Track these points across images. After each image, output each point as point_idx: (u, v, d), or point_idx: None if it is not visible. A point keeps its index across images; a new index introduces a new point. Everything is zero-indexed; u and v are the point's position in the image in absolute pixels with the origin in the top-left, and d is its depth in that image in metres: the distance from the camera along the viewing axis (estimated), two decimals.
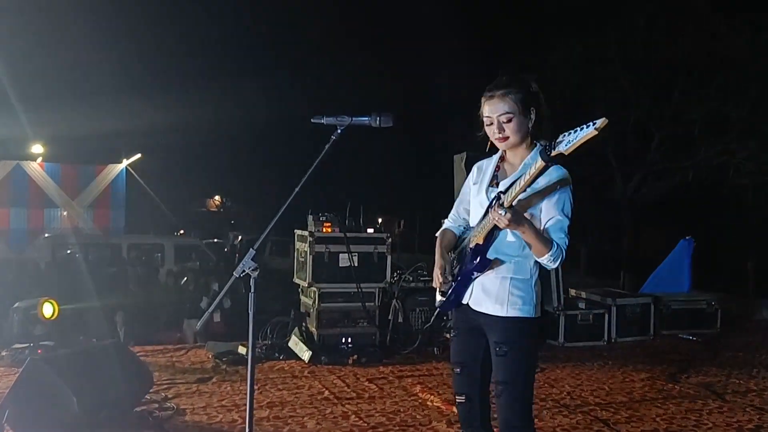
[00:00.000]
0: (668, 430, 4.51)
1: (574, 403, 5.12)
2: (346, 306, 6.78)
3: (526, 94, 2.73)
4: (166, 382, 5.56)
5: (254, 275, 2.73)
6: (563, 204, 2.66)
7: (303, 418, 4.71)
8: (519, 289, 2.69)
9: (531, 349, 2.74)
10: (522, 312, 2.68)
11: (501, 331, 2.69)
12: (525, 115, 2.71)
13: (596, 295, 7.94)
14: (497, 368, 2.70)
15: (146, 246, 18.10)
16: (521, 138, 2.74)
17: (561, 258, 2.62)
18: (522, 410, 2.70)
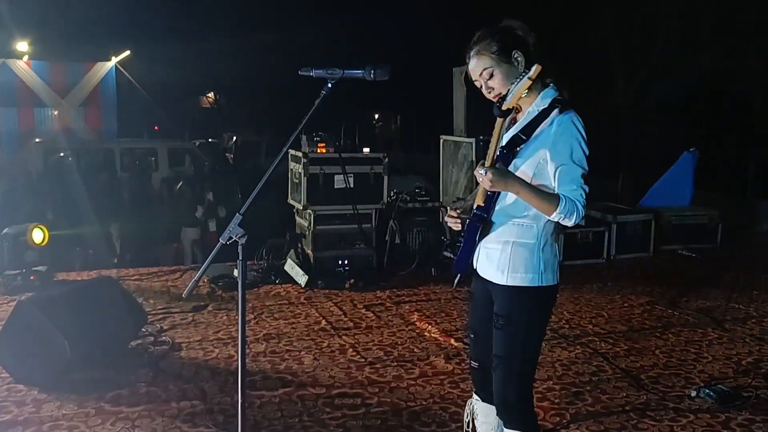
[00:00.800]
0: (668, 364, 4.47)
1: (573, 333, 5.08)
2: (342, 228, 6.66)
3: (502, 41, 2.48)
4: (162, 312, 5.50)
5: (242, 242, 2.55)
6: (570, 150, 2.38)
7: (300, 353, 4.67)
8: (521, 255, 2.48)
9: (532, 322, 2.53)
10: (523, 281, 2.48)
11: (501, 301, 2.54)
12: (508, 63, 2.48)
13: (596, 211, 7.81)
14: (495, 341, 2.55)
15: (139, 150, 17.85)
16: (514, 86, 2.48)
17: (576, 212, 2.36)
18: (518, 387, 2.55)
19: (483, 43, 2.50)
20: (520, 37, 2.53)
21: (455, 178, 7.44)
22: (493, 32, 2.52)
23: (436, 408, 3.82)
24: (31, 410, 3.77)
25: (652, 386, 4.11)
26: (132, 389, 4.04)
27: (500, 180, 2.35)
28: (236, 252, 2.55)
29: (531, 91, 2.50)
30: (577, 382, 4.16)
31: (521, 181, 2.39)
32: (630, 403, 3.88)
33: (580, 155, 2.39)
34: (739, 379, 4.23)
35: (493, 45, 2.48)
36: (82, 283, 5.04)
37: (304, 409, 3.82)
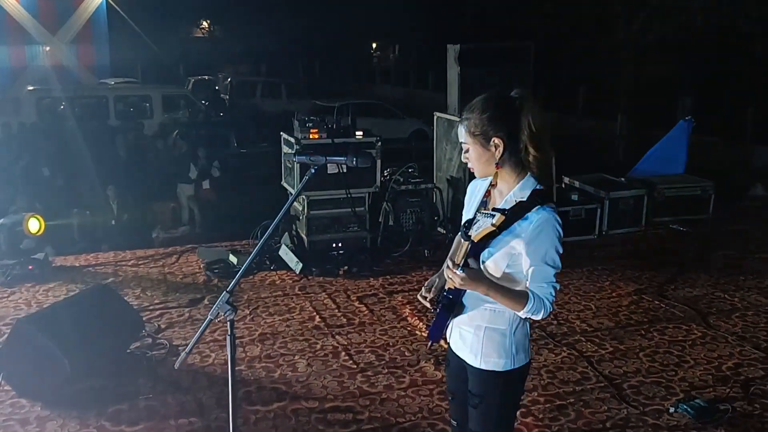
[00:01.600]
0: (650, 369, 4.61)
1: (560, 330, 5.21)
2: (335, 212, 6.71)
3: (487, 123, 2.41)
4: (159, 307, 5.62)
5: (231, 317, 2.63)
6: (545, 251, 2.38)
7: (294, 356, 4.81)
8: (494, 341, 2.52)
9: (504, 402, 2.60)
10: (497, 366, 2.52)
11: (474, 381, 2.60)
12: (484, 146, 2.44)
13: (590, 186, 7.85)
14: (470, 417, 2.65)
15: (133, 97, 17.69)
16: (485, 166, 2.48)
17: (544, 309, 2.40)
18: None
19: (469, 116, 2.47)
20: (514, 121, 2.43)
21: (449, 156, 7.44)
22: (484, 107, 2.45)
23: (425, 425, 3.97)
24: (35, 430, 3.93)
25: (633, 398, 4.25)
26: (131, 404, 4.18)
27: (471, 282, 2.37)
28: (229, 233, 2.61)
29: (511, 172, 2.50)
30: (561, 393, 4.30)
31: (490, 283, 2.41)
32: (611, 418, 4.03)
33: (553, 256, 2.40)
34: (717, 388, 4.38)
35: (477, 124, 2.44)
36: (78, 295, 5.12)
37: (298, 426, 3.97)
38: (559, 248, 2.41)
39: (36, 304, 5.66)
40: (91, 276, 6.35)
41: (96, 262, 6.75)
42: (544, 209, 2.39)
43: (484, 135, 2.44)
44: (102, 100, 17.10)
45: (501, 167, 2.48)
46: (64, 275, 6.33)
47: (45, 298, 5.78)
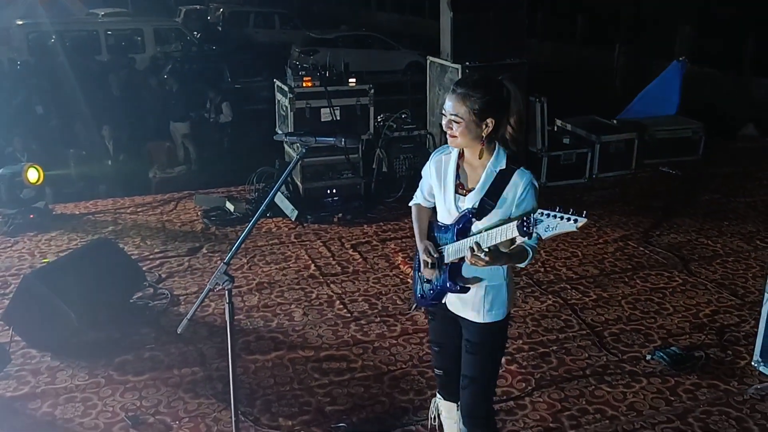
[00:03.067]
0: (631, 317, 4.83)
1: (546, 278, 5.40)
2: (329, 159, 6.81)
3: (486, 104, 2.58)
4: (159, 257, 5.79)
5: (228, 287, 2.80)
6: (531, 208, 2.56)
7: (290, 306, 5.01)
8: (493, 295, 2.76)
9: (500, 346, 2.91)
10: (497, 316, 2.78)
11: (475, 333, 2.82)
12: (477, 124, 2.60)
13: (582, 129, 7.93)
14: (466, 363, 2.87)
15: (125, 32, 17.46)
16: (470, 141, 2.64)
17: (533, 257, 2.67)
18: (486, 403, 2.93)
19: (470, 93, 2.58)
20: (506, 106, 2.63)
21: (441, 101, 7.46)
22: (486, 90, 2.60)
23: (415, 372, 4.20)
24: (47, 380, 4.15)
25: (613, 345, 4.48)
26: (137, 353, 4.40)
27: (494, 262, 2.56)
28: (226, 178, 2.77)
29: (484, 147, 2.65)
30: (545, 341, 4.53)
31: (507, 256, 2.63)
32: (591, 365, 4.26)
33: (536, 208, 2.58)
34: (693, 335, 4.60)
35: (477, 102, 2.57)
36: (80, 249, 5.28)
37: (295, 375, 4.20)
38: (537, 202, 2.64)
39: (39, 254, 5.83)
40: (91, 224, 6.50)
41: (95, 210, 6.89)
42: (524, 172, 2.64)
43: (481, 114, 2.59)
44: (92, 34, 16.89)
45: (485, 146, 2.65)
46: (65, 224, 6.48)
47: (48, 248, 5.95)
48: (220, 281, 2.79)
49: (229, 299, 2.84)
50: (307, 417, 3.82)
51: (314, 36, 19.90)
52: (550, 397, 3.97)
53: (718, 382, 4.10)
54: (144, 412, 3.86)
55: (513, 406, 3.89)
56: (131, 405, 3.92)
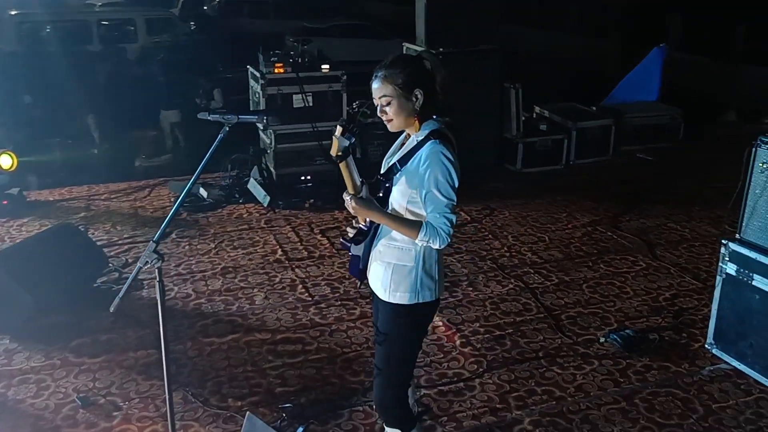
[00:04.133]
0: (590, 301, 4.85)
1: (511, 262, 5.42)
2: (302, 146, 6.81)
3: (410, 75, 2.60)
4: (128, 242, 5.82)
5: (157, 265, 2.82)
6: (436, 180, 2.55)
7: (253, 290, 5.03)
8: (401, 276, 2.71)
9: (407, 339, 2.81)
10: (402, 299, 2.72)
11: (383, 317, 2.81)
12: (407, 98, 2.61)
13: (558, 116, 7.92)
14: (376, 353, 2.88)
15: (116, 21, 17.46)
16: (405, 119, 2.65)
17: (440, 238, 2.56)
18: (394, 394, 2.88)
19: (391, 71, 2.61)
20: (429, 74, 2.66)
21: None
22: (405, 64, 2.64)
23: (368, 354, 4.22)
24: (2, 362, 4.18)
25: (569, 328, 4.50)
26: (93, 336, 4.43)
27: (362, 208, 2.59)
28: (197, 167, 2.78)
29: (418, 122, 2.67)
30: (501, 324, 4.54)
31: (382, 212, 2.63)
32: (544, 348, 4.28)
33: (444, 185, 2.55)
34: (651, 318, 4.62)
35: (399, 77, 2.59)
36: (43, 233, 5.30)
37: (249, 357, 4.22)
38: (451, 181, 2.57)
39: (9, 239, 5.85)
40: (64, 210, 6.53)
41: (70, 197, 6.91)
42: (434, 143, 2.58)
43: (407, 87, 2.61)
44: (84, 24, 16.89)
45: (419, 118, 2.66)
46: (38, 210, 6.51)
47: (18, 233, 5.98)
48: (150, 259, 2.80)
49: (160, 277, 2.85)
50: (257, 398, 3.85)
51: (308, 25, 19.88)
52: (500, 378, 3.99)
53: (669, 364, 4.12)
54: (95, 393, 3.89)
55: (462, 387, 3.91)
56: (84, 386, 3.95)
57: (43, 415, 3.72)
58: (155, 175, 7.80)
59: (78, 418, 3.69)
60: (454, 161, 2.59)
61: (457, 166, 2.60)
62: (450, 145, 2.61)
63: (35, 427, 3.64)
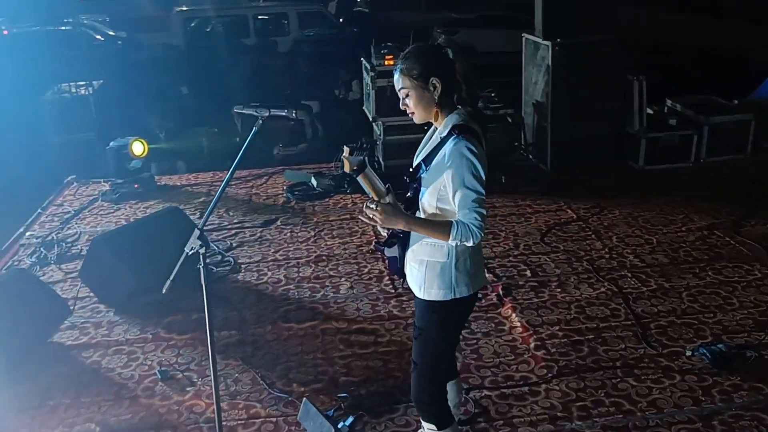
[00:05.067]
0: (687, 310, 4.50)
1: (608, 265, 5.14)
2: (411, 137, 6.80)
3: (424, 65, 2.55)
4: (236, 227, 6.13)
5: (202, 251, 2.97)
6: (462, 177, 2.50)
7: (341, 279, 5.14)
8: (435, 272, 2.67)
9: (443, 335, 2.78)
10: (437, 296, 2.69)
11: (419, 313, 2.80)
12: (424, 88, 2.57)
13: (691, 110, 7.36)
14: (413, 347, 2.85)
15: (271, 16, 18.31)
16: (425, 110, 2.61)
17: (473, 235, 2.50)
18: (429, 389, 2.84)
19: (407, 63, 2.59)
20: (447, 62, 2.59)
21: (534, 79, 7.26)
22: (419, 53, 2.60)
23: None
24: (104, 333, 4.58)
25: (656, 338, 4.20)
26: (185, 315, 4.72)
27: (388, 217, 2.54)
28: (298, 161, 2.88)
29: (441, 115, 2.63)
30: (582, 329, 4.33)
31: (408, 218, 2.58)
32: (623, 357, 4.03)
33: (471, 181, 2.49)
34: (753, 333, 4.21)
35: (414, 68, 2.56)
36: (149, 217, 5.71)
37: (322, 345, 4.33)
38: (478, 174, 2.50)
39: (135, 219, 6.36)
40: (186, 195, 6.99)
41: (195, 182, 7.39)
42: (457, 139, 2.51)
43: (424, 77, 2.57)
44: (242, 19, 17.87)
45: (440, 108, 2.61)
46: (165, 194, 7.02)
47: (144, 215, 6.48)
48: (195, 245, 2.95)
49: (203, 262, 3.00)
50: (320, 385, 3.94)
51: (455, 16, 19.80)
52: (567, 386, 3.81)
53: (762, 386, 3.74)
54: (175, 368, 4.15)
55: (525, 392, 3.78)
56: (166, 361, 4.23)
57: (127, 385, 4.04)
58: (291, 164, 8.07)
59: (155, 390, 3.97)
60: (479, 153, 2.52)
61: (483, 158, 2.53)
62: (474, 137, 2.55)
63: (117, 394, 3.95)
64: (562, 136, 6.95)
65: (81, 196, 7.04)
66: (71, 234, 6.05)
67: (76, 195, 7.07)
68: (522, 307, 4.62)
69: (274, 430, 3.60)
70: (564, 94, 6.82)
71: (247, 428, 3.62)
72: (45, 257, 5.60)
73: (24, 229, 6.21)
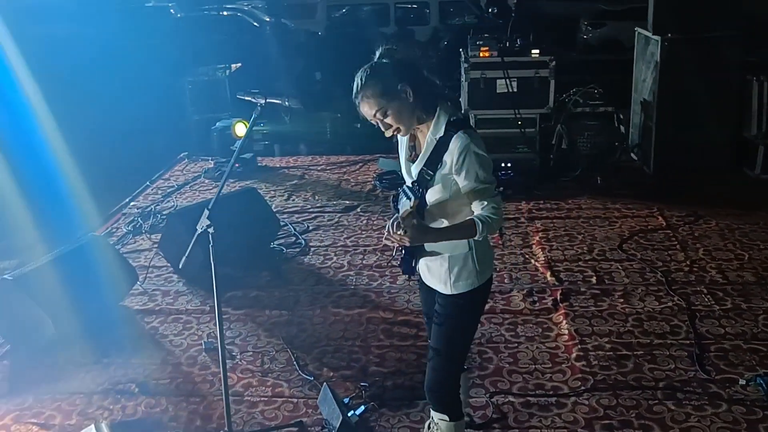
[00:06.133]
0: (759, 335, 4.09)
1: (684, 279, 4.78)
2: (503, 132, 6.66)
3: (385, 80, 2.49)
4: (317, 211, 6.28)
5: (211, 231, 3.09)
6: (475, 174, 2.49)
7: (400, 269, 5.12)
8: (458, 266, 2.66)
9: (467, 323, 2.79)
10: (464, 288, 2.68)
11: (443, 305, 2.76)
12: (398, 99, 2.50)
13: None
14: (432, 333, 2.82)
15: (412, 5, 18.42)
16: (408, 119, 2.55)
17: (494, 226, 2.51)
18: (442, 378, 2.81)
19: (367, 90, 2.51)
20: (405, 66, 2.55)
21: (643, 76, 6.84)
22: (372, 74, 2.52)
23: (474, 351, 4.09)
24: (169, 301, 4.88)
25: (713, 361, 3.87)
26: (245, 291, 4.93)
27: (418, 237, 2.52)
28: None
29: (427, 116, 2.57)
30: (633, 344, 4.07)
31: (435, 232, 2.58)
32: (669, 378, 3.75)
33: (483, 174, 2.50)
34: None
35: (377, 87, 2.50)
36: (228, 195, 5.95)
37: (363, 333, 4.36)
38: (487, 164, 2.53)
39: None
40: (281, 176, 7.25)
41: (293, 164, 7.65)
42: (461, 136, 2.49)
43: (391, 89, 2.51)
44: (384, 8, 18.13)
45: (420, 109, 2.57)
46: (263, 174, 7.32)
47: None
48: (204, 224, 3.08)
49: (213, 242, 3.12)
50: (349, 372, 3.98)
51: (604, 8, 18.97)
52: (599, 402, 3.60)
53: None
54: None
55: (552, 403, 3.61)
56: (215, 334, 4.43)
57: (174, 352, 4.28)
58: None
59: (197, 360, 4.18)
60: (482, 144, 2.53)
61: (485, 148, 2.56)
62: (470, 127, 2.57)
63: (163, 359, 4.20)
64: (669, 137, 6.50)
65: (188, 172, 7.50)
66: (168, 207, 6.46)
67: (184, 171, 7.53)
68: (576, 314, 4.41)
69: (293, 410, 3.69)
70: (673, 93, 6.38)
71: (269, 405, 3.73)
72: (140, 227, 6.03)
73: (129, 200, 6.71)
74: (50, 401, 3.84)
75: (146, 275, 5.15)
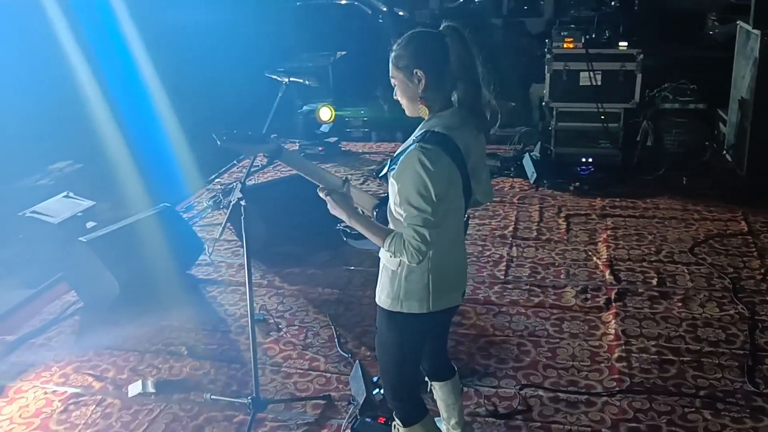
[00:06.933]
0: None
1: (754, 287, 4.50)
2: (584, 126, 6.49)
3: (411, 55, 2.37)
4: None
5: (243, 203, 3.23)
6: (407, 192, 2.28)
7: None
8: (385, 279, 2.53)
9: (393, 344, 2.60)
10: (384, 304, 2.54)
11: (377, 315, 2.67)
12: (408, 80, 2.39)
13: None
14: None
15: None
16: (410, 103, 2.44)
17: (406, 252, 2.28)
18: (393, 390, 2.74)
19: (397, 50, 2.43)
20: (438, 52, 2.37)
21: (742, 73, 6.44)
22: (410, 40, 2.41)
23: (515, 342, 4.05)
24: (231, 273, 5.11)
25: (765, 375, 3.64)
26: (303, 269, 5.08)
27: (334, 207, 2.51)
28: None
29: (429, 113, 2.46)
30: (680, 350, 3.89)
31: (352, 212, 2.49)
32: (712, 387, 3.56)
33: (416, 197, 2.26)
34: None
35: (402, 59, 2.41)
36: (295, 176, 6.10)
37: None
38: (426, 192, 2.26)
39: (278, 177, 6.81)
40: (360, 161, 7.37)
41: (373, 150, 7.75)
42: (414, 148, 2.29)
43: (406, 68, 2.40)
44: None
45: (425, 103, 2.43)
46: (344, 158, 7.46)
47: None
48: (235, 197, 3.23)
49: (245, 215, 3.26)
50: None
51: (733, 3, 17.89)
52: (630, 404, 3.48)
53: None
54: (272, 315, 4.51)
55: (581, 401, 3.53)
56: (269, 306, 4.62)
57: (226, 321, 4.50)
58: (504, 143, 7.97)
59: (246, 329, 4.34)
60: (435, 168, 2.24)
61: (442, 174, 2.27)
62: (443, 149, 2.28)
63: (215, 326, 4.42)
64: (765, 138, 6.10)
65: None
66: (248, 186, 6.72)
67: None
68: (627, 315, 4.26)
69: (325, 384, 3.79)
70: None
71: (303, 377, 3.85)
72: (219, 202, 6.32)
73: (215, 176, 7.04)
74: (108, 356, 4.14)
75: (213, 248, 5.40)
